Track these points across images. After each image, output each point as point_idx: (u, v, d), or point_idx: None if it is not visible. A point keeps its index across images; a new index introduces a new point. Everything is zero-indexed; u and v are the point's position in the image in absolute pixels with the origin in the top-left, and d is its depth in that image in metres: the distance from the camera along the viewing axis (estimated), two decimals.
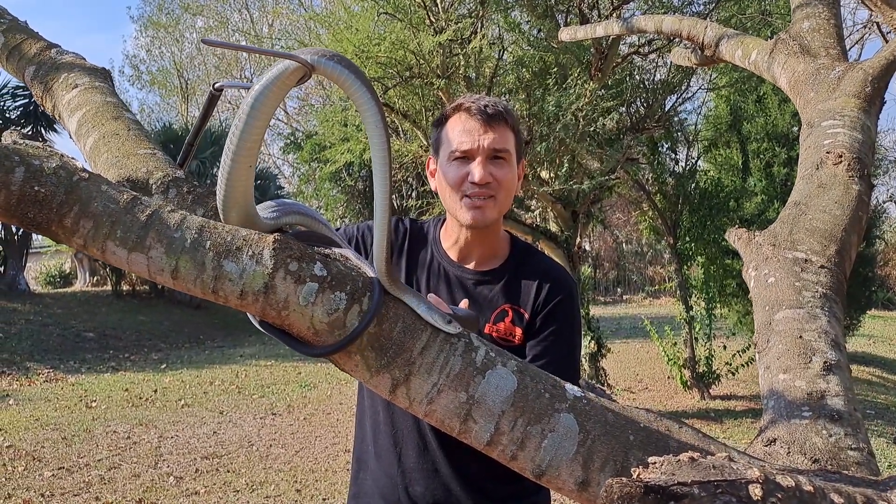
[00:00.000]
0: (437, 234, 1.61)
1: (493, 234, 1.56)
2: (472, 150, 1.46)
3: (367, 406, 1.64)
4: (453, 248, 1.57)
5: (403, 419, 1.54)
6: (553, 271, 1.57)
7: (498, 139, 1.47)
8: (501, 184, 1.47)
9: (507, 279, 1.55)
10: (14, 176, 0.84)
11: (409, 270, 1.58)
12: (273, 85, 0.85)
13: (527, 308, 1.52)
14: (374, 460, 1.60)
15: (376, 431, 1.59)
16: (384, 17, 6.10)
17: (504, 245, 1.60)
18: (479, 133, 1.46)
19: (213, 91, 1.14)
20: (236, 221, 0.93)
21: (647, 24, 2.47)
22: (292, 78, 0.85)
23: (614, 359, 9.64)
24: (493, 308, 1.53)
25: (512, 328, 1.51)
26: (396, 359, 0.91)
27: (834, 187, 1.38)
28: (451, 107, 1.54)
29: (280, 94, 0.86)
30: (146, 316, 14.47)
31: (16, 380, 9.31)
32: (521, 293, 1.54)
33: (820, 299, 1.20)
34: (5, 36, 1.34)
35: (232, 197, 0.91)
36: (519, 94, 6.51)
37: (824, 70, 1.66)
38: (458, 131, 1.48)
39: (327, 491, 5.04)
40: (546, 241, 7.27)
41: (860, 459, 1.00)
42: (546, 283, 1.53)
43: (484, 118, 1.47)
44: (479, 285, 1.55)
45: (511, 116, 1.51)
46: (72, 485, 5.09)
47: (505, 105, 1.52)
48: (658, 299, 22.53)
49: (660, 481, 0.73)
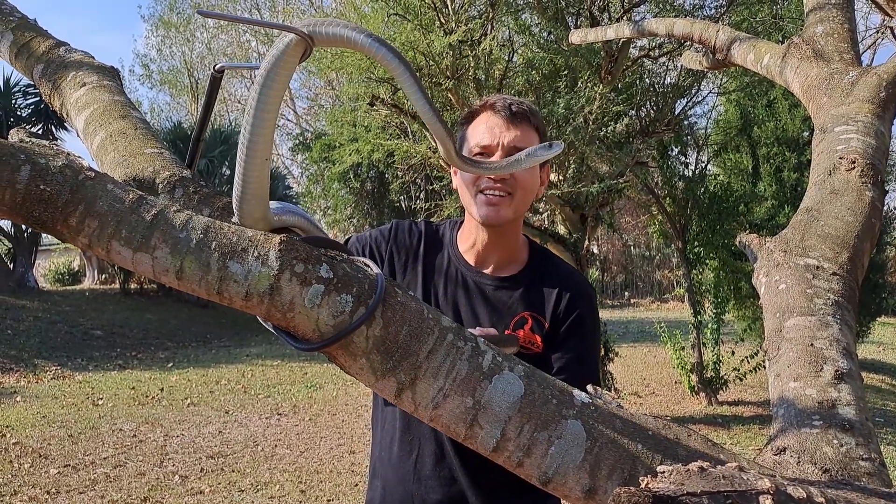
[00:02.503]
0: (454, 236, 1.59)
1: (512, 238, 1.54)
2: (491, 145, 1.45)
3: (382, 412, 1.62)
4: (470, 251, 1.55)
5: (419, 426, 1.51)
6: (572, 279, 1.56)
7: (520, 137, 1.45)
8: (519, 182, 1.45)
9: (526, 286, 1.53)
10: (20, 174, 0.83)
11: (426, 276, 1.55)
12: (277, 64, 0.83)
13: (546, 316, 1.50)
14: (388, 468, 1.57)
15: (392, 438, 1.57)
16: (394, 18, 6.10)
17: (522, 250, 1.57)
18: (502, 130, 1.46)
19: (215, 73, 1.13)
20: (250, 215, 0.93)
21: (658, 27, 2.45)
22: (295, 53, 0.83)
23: (621, 363, 9.61)
24: (513, 314, 1.51)
25: (532, 336, 1.49)
26: (402, 362, 0.90)
27: (847, 193, 1.36)
28: (478, 105, 1.53)
29: (286, 73, 0.84)
30: (154, 314, 14.52)
31: (23, 377, 9.36)
32: (540, 301, 1.52)
33: (832, 307, 1.19)
34: (14, 34, 1.34)
35: (249, 191, 0.91)
36: (528, 97, 6.50)
37: (838, 75, 1.64)
38: (481, 128, 1.48)
39: (332, 492, 5.03)
40: (554, 243, 7.25)
41: (872, 470, 0.98)
42: (566, 293, 1.51)
43: (508, 115, 1.46)
44: (497, 290, 1.53)
45: (536, 117, 1.50)
46: (77, 482, 5.11)
47: (531, 106, 1.51)
48: (666, 303, 22.48)
49: (668, 491, 0.72)
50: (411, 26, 5.87)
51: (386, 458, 1.58)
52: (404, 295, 0.94)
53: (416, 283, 1.55)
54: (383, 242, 1.57)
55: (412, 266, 1.56)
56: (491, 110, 1.48)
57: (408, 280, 1.56)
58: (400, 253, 1.57)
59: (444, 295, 1.53)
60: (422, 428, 1.51)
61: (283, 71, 0.84)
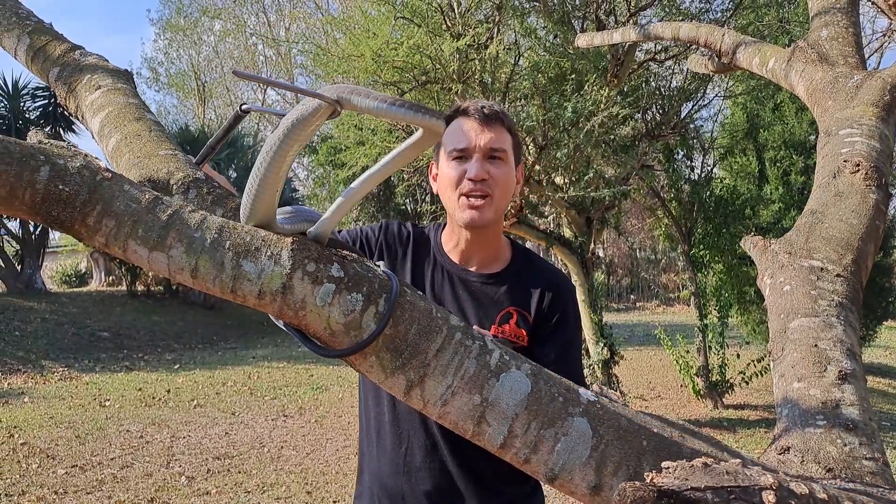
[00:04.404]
0: (439, 238, 1.64)
1: (494, 237, 1.59)
2: (468, 147, 1.50)
3: (368, 405, 1.65)
4: (454, 251, 1.60)
5: (409, 418, 1.55)
6: (554, 277, 1.61)
7: (495, 139, 1.50)
8: (497, 182, 1.50)
9: (511, 283, 1.58)
10: (39, 175, 0.85)
11: (415, 274, 1.60)
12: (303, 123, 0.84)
13: (530, 312, 1.56)
14: (375, 460, 1.60)
15: (380, 431, 1.60)
16: (401, 22, 6.12)
17: (505, 249, 1.63)
18: (477, 132, 1.50)
19: (240, 112, 1.16)
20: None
21: (664, 30, 2.47)
22: (322, 116, 0.85)
23: (627, 366, 9.60)
24: (499, 309, 1.56)
25: (517, 330, 1.54)
26: (412, 360, 0.91)
27: (851, 196, 1.38)
28: (450, 111, 1.57)
29: (309, 133, 0.86)
30: (160, 316, 14.56)
31: (31, 378, 9.40)
32: (524, 297, 1.57)
33: (836, 308, 1.20)
34: (31, 38, 1.36)
35: (254, 214, 0.93)
36: (534, 100, 6.51)
37: (842, 78, 1.65)
38: (456, 132, 1.52)
39: (337, 493, 5.04)
40: (560, 246, 7.25)
41: (875, 469, 0.99)
42: (549, 292, 1.57)
43: (481, 118, 1.51)
44: (483, 286, 1.58)
45: (508, 119, 1.55)
46: (85, 483, 5.13)
47: (502, 108, 1.56)
48: (672, 307, 22.43)
49: (673, 486, 0.73)
50: (418, 30, 5.89)
51: (374, 451, 1.61)
52: (413, 294, 0.96)
53: (405, 280, 1.58)
54: (373, 239, 1.62)
55: (401, 264, 1.61)
56: (464, 115, 1.53)
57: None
58: (389, 251, 1.62)
59: (430, 291, 1.58)
60: (412, 420, 1.54)
61: (308, 129, 0.86)
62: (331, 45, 7.02)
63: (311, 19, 16.06)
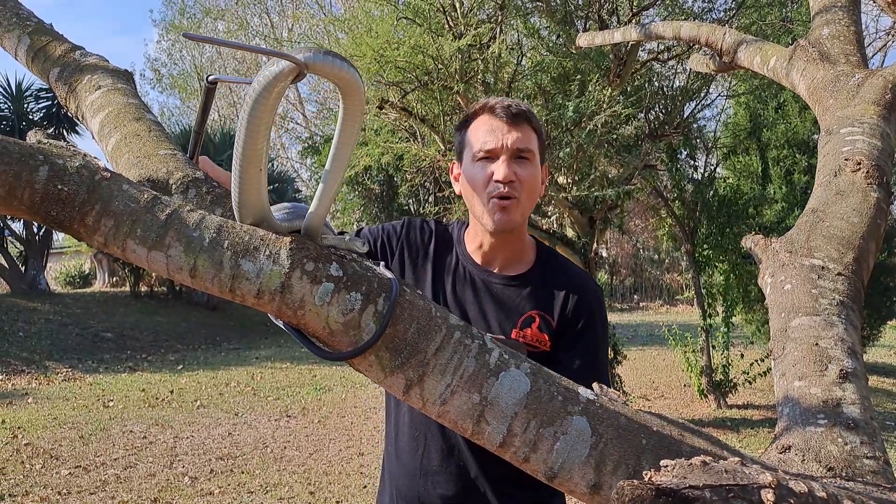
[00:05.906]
0: (462, 236, 1.60)
1: (518, 239, 1.55)
2: (496, 148, 1.45)
3: (390, 406, 1.64)
4: (477, 251, 1.56)
5: (427, 421, 1.52)
6: (579, 280, 1.56)
7: (522, 138, 1.46)
8: (525, 183, 1.46)
9: (535, 285, 1.53)
10: (38, 174, 0.86)
11: (436, 274, 1.56)
12: (268, 89, 0.83)
13: (553, 316, 1.51)
14: (394, 461, 1.60)
15: (398, 432, 1.59)
16: (403, 22, 6.12)
17: (530, 250, 1.58)
18: (504, 132, 1.46)
19: (208, 84, 1.16)
20: (252, 224, 0.94)
21: (665, 30, 2.46)
22: (286, 78, 0.84)
23: (630, 366, 9.59)
24: (520, 313, 1.51)
25: (539, 334, 1.49)
26: (410, 360, 0.91)
27: (852, 195, 1.37)
28: (474, 109, 1.53)
29: (277, 96, 0.85)
30: (163, 317, 14.58)
31: (35, 378, 9.43)
32: (548, 301, 1.52)
33: (837, 307, 1.20)
34: (31, 38, 1.37)
35: (245, 201, 0.92)
36: (537, 100, 6.50)
37: (844, 77, 1.65)
38: (482, 132, 1.48)
39: (341, 494, 5.05)
40: (563, 246, 7.24)
41: (876, 468, 0.99)
42: (574, 295, 1.52)
43: (508, 117, 1.46)
44: (506, 288, 1.53)
45: (534, 118, 1.51)
46: (88, 483, 5.14)
47: (528, 106, 1.52)
48: (675, 307, 22.40)
49: (671, 484, 0.73)
50: (420, 30, 5.89)
51: (393, 453, 1.60)
52: (412, 293, 0.96)
53: (426, 281, 1.56)
54: (395, 237, 1.58)
55: (422, 263, 1.57)
56: (490, 113, 1.48)
57: (417, 277, 1.57)
58: (411, 250, 1.58)
59: (452, 293, 1.54)
60: (430, 424, 1.51)
61: (275, 94, 0.84)
62: (332, 45, 7.03)
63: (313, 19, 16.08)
